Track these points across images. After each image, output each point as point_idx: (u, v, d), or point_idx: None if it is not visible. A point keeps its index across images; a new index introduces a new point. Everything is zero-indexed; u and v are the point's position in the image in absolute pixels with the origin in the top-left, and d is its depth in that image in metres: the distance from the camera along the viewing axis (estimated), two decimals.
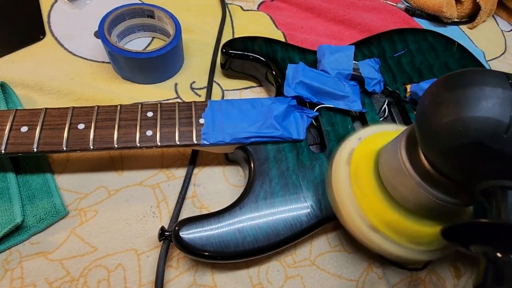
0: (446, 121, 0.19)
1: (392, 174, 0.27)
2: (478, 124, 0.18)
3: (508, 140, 0.18)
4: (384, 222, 0.28)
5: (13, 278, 0.30)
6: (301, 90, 0.37)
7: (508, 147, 0.18)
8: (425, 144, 0.22)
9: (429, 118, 0.21)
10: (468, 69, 0.21)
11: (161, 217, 0.34)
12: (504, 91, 0.19)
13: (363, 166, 0.30)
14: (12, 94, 0.38)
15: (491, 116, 0.18)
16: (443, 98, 0.20)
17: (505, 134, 0.18)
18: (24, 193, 0.33)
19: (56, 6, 0.48)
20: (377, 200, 0.28)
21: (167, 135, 0.32)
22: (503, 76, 0.19)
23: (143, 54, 0.38)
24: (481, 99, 0.19)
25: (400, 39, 0.45)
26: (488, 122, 0.18)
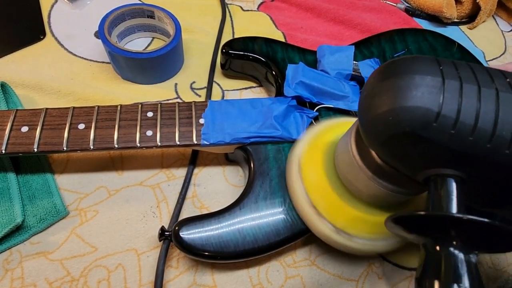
0: (379, 112, 0.19)
1: (345, 166, 0.26)
2: (408, 114, 0.18)
3: (438, 128, 0.18)
4: (345, 220, 0.28)
5: (14, 278, 0.30)
6: (301, 90, 0.37)
7: (439, 135, 0.18)
8: (364, 135, 0.22)
9: (365, 110, 0.21)
10: (401, 58, 0.20)
11: (161, 217, 0.34)
12: (433, 78, 0.18)
13: (313, 167, 0.29)
14: (13, 94, 0.38)
15: (420, 105, 0.18)
16: (376, 89, 0.20)
17: (435, 123, 0.18)
18: (25, 193, 0.33)
19: (56, 6, 0.48)
20: (333, 199, 0.28)
21: (167, 135, 0.33)
22: (434, 62, 0.19)
23: (143, 54, 0.38)
24: (410, 89, 0.18)
25: (400, 39, 0.45)
26: (418, 112, 0.18)
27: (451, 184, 0.19)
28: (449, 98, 0.18)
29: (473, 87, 0.18)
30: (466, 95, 0.18)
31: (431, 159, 0.19)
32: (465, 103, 0.17)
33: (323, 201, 0.28)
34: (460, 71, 0.19)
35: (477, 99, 0.18)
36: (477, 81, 0.18)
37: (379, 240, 0.28)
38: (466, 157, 0.18)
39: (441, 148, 0.18)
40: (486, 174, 0.19)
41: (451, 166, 0.19)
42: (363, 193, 0.26)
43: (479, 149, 0.17)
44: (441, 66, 0.19)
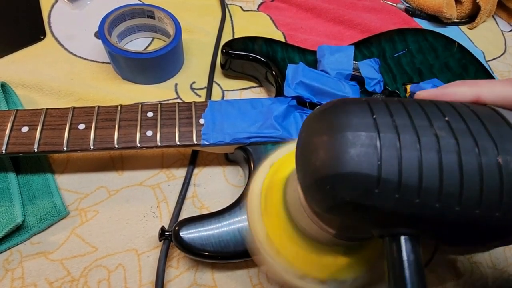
0: (315, 179, 0.17)
1: (296, 213, 0.23)
2: (345, 182, 0.16)
3: (381, 195, 0.15)
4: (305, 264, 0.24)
5: (14, 278, 0.30)
6: (301, 90, 0.37)
7: (383, 202, 0.16)
8: (305, 200, 0.19)
9: (302, 172, 0.18)
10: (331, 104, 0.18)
11: (161, 217, 0.34)
12: (367, 134, 0.16)
13: (273, 200, 0.25)
14: (13, 95, 0.38)
15: (356, 171, 0.15)
16: (310, 146, 0.17)
17: (377, 189, 0.15)
18: (25, 193, 0.33)
19: (56, 6, 0.48)
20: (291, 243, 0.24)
21: (167, 135, 0.33)
22: (366, 112, 0.17)
23: (143, 54, 0.38)
24: (344, 151, 0.16)
25: (400, 39, 0.45)
26: (355, 179, 0.16)
27: (404, 244, 0.17)
28: (388, 157, 0.15)
29: (412, 138, 0.16)
30: (406, 150, 0.16)
31: (378, 222, 0.17)
32: (406, 161, 0.15)
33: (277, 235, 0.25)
34: (396, 117, 0.16)
35: (418, 154, 0.15)
36: (415, 129, 0.16)
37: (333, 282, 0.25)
38: (415, 219, 0.16)
39: (387, 213, 0.16)
40: (440, 230, 0.17)
41: (402, 226, 0.17)
42: (316, 238, 0.24)
43: (428, 210, 0.16)
44: (375, 115, 0.16)
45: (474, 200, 0.16)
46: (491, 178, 0.15)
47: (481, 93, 0.19)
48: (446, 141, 0.16)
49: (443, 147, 0.16)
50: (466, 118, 0.17)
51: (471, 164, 0.16)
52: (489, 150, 0.16)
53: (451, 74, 0.43)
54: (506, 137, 0.16)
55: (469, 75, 0.43)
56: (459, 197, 0.16)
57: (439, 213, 0.16)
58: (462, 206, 0.16)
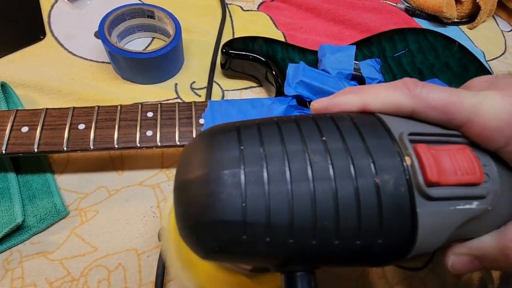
0: (182, 231, 0.15)
1: None
2: (210, 232, 0.14)
3: (251, 240, 0.14)
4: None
5: (14, 278, 0.30)
6: (302, 90, 0.37)
7: (255, 246, 0.14)
8: None
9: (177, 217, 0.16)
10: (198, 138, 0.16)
11: (161, 217, 0.34)
12: (231, 172, 0.14)
13: None
14: (13, 94, 0.38)
15: (220, 219, 0.14)
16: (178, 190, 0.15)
17: (244, 235, 0.14)
18: (25, 193, 0.33)
19: (56, 6, 0.48)
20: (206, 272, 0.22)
21: (167, 135, 0.33)
22: (232, 140, 0.15)
23: (143, 54, 0.38)
24: (205, 198, 0.14)
25: (400, 39, 0.45)
26: (220, 228, 0.14)
27: (298, 280, 0.16)
28: (253, 196, 0.14)
29: (280, 169, 0.14)
30: (273, 186, 0.14)
31: (261, 264, 0.16)
32: (273, 198, 0.14)
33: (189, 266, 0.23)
34: (265, 145, 0.15)
35: (287, 187, 0.14)
36: (285, 157, 0.14)
37: None
38: (295, 258, 0.15)
39: (263, 256, 0.15)
40: (328, 262, 0.16)
41: (288, 265, 0.16)
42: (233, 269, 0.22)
43: (307, 248, 0.14)
44: (242, 145, 0.15)
45: (353, 231, 0.14)
46: (368, 203, 0.14)
47: (367, 101, 0.18)
48: (320, 166, 0.14)
49: (316, 175, 0.14)
50: (345, 134, 0.15)
51: (346, 191, 0.14)
52: (367, 170, 0.14)
53: (451, 73, 0.43)
54: (386, 151, 0.15)
55: (469, 75, 0.43)
56: (336, 230, 0.14)
57: (319, 249, 0.14)
58: (341, 239, 0.14)
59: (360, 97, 0.18)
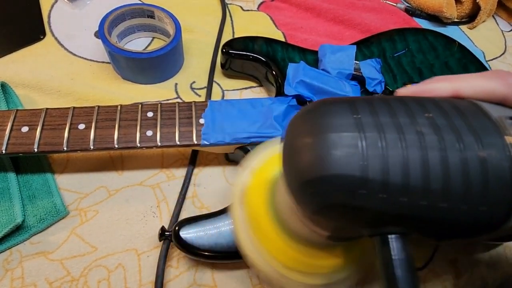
0: (301, 182, 0.17)
1: (287, 216, 0.23)
2: (331, 184, 0.16)
3: (368, 195, 0.15)
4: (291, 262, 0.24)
5: (14, 278, 0.30)
6: (302, 89, 0.37)
7: (370, 202, 0.16)
8: (293, 201, 0.19)
9: (288, 174, 0.18)
10: (314, 105, 0.18)
11: (161, 217, 0.34)
12: (350, 135, 0.16)
13: (258, 205, 0.25)
14: (13, 94, 0.38)
15: (341, 173, 0.15)
16: (293, 148, 0.17)
17: (362, 190, 0.15)
18: (25, 193, 0.33)
19: (56, 6, 0.48)
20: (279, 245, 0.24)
21: (167, 135, 0.33)
22: (348, 111, 0.17)
23: (143, 54, 0.38)
24: (327, 153, 0.15)
25: (400, 39, 0.45)
26: (340, 181, 0.15)
27: (393, 243, 0.17)
28: (371, 157, 0.15)
29: (395, 137, 0.16)
30: (390, 150, 0.15)
31: (366, 222, 0.17)
32: (390, 160, 0.15)
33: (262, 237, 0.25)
34: (378, 116, 0.16)
35: (402, 152, 0.15)
36: (398, 127, 0.16)
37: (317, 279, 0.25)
38: (402, 217, 0.16)
39: (375, 213, 0.16)
40: (428, 227, 0.17)
41: (390, 225, 0.17)
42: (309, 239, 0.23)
43: (415, 208, 0.16)
44: (357, 114, 0.16)
45: (459, 196, 0.15)
46: (475, 172, 0.15)
47: (460, 88, 0.20)
48: (429, 137, 0.16)
49: (427, 144, 0.16)
50: (448, 113, 0.17)
51: (454, 160, 0.15)
52: (472, 145, 0.16)
53: (451, 73, 0.43)
54: (488, 131, 0.16)
55: None
56: (444, 194, 0.15)
57: (426, 211, 0.16)
58: (448, 202, 0.16)
59: (453, 84, 0.20)
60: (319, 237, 0.21)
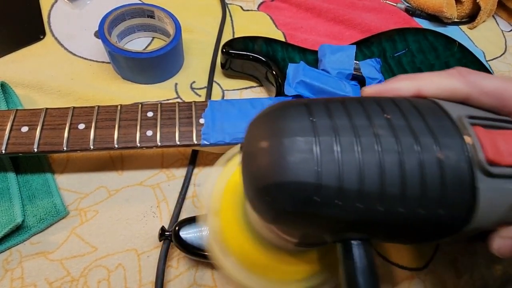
0: (253, 190, 0.16)
1: (252, 216, 0.22)
2: (285, 191, 0.15)
3: (322, 202, 0.15)
4: (266, 274, 0.24)
5: (14, 278, 0.30)
6: (302, 90, 0.37)
7: (325, 209, 0.15)
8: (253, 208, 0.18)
9: (245, 179, 0.17)
10: (270, 108, 0.17)
11: (161, 217, 0.34)
12: (305, 139, 0.15)
13: (229, 214, 0.25)
14: (13, 94, 0.38)
15: (295, 179, 0.15)
16: (249, 151, 0.17)
17: (317, 197, 0.15)
18: (25, 193, 0.33)
19: (56, 6, 0.48)
20: (249, 248, 0.24)
21: (167, 135, 0.32)
22: (303, 113, 0.16)
23: (143, 54, 0.38)
24: (281, 158, 0.15)
25: (400, 39, 0.45)
26: (294, 188, 0.15)
27: (355, 249, 0.17)
28: (326, 162, 0.15)
29: (351, 140, 0.15)
30: (345, 154, 0.15)
31: (325, 229, 0.17)
32: (345, 165, 0.15)
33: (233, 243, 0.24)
34: (335, 118, 0.16)
35: (358, 157, 0.15)
36: (354, 130, 0.16)
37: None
38: (360, 224, 0.16)
39: (332, 219, 0.16)
40: (388, 232, 0.17)
41: (349, 232, 0.17)
42: (282, 247, 0.23)
43: (372, 214, 0.15)
44: (313, 118, 0.16)
45: (417, 200, 0.15)
46: (432, 175, 0.15)
47: (422, 86, 0.19)
48: (386, 140, 0.15)
49: (383, 147, 0.15)
50: (407, 113, 0.16)
51: (411, 163, 0.15)
52: (430, 146, 0.15)
53: None
54: (446, 131, 0.16)
55: None
56: (402, 199, 0.15)
57: (384, 216, 0.15)
58: (406, 207, 0.15)
59: (415, 82, 0.19)
60: (288, 243, 0.20)
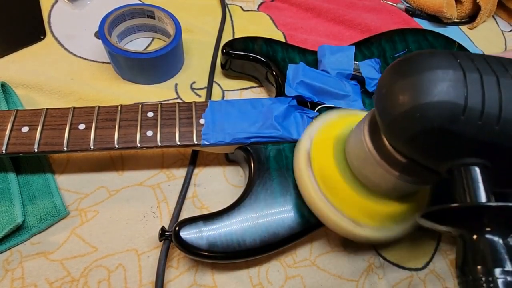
0: (404, 110, 0.20)
1: (360, 162, 0.27)
2: (436, 109, 0.18)
3: (466, 121, 0.18)
4: (361, 212, 0.29)
5: (14, 278, 0.30)
6: (302, 90, 0.37)
7: (467, 128, 0.18)
8: (387, 132, 0.22)
9: (387, 108, 0.21)
10: (418, 53, 0.21)
11: (161, 217, 0.34)
12: (455, 72, 0.19)
13: (325, 163, 0.30)
14: (13, 95, 0.38)
15: (447, 99, 0.18)
16: (398, 86, 0.20)
17: (463, 116, 0.18)
18: (25, 193, 0.33)
19: (56, 6, 0.48)
20: (349, 193, 0.28)
21: (168, 135, 0.33)
22: (451, 56, 0.20)
23: (143, 54, 0.38)
24: (435, 84, 0.19)
25: (400, 39, 0.45)
26: (445, 106, 0.18)
27: (476, 172, 0.19)
28: (472, 90, 0.18)
29: (492, 78, 0.19)
30: (488, 87, 0.18)
31: (457, 150, 0.20)
32: (487, 94, 0.18)
33: (333, 189, 0.29)
34: (477, 63, 0.19)
35: (498, 90, 0.18)
36: (494, 72, 0.19)
37: (386, 229, 0.29)
38: (492, 146, 0.19)
39: (468, 140, 0.19)
40: (510, 159, 0.19)
41: (476, 155, 0.19)
42: (377, 185, 0.27)
43: (505, 138, 0.18)
44: (458, 59, 0.19)
45: None
46: None
47: None
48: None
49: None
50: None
51: None
52: None
53: None
54: None
55: None
56: None
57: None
58: None
59: None
60: (389, 179, 0.25)
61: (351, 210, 0.29)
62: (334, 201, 0.29)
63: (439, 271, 0.35)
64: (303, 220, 0.31)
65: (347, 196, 0.28)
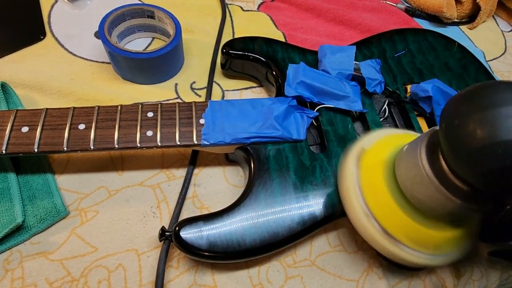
0: (483, 145, 0.20)
1: (414, 184, 0.26)
2: (508, 148, 0.19)
3: None
4: (400, 229, 0.28)
5: (14, 278, 0.30)
6: (302, 90, 0.37)
7: None
8: (458, 164, 0.22)
9: (463, 141, 0.21)
10: (493, 84, 0.21)
11: (161, 217, 0.34)
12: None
13: (374, 173, 0.29)
14: (13, 95, 0.38)
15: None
16: (475, 119, 0.20)
17: None
18: (25, 193, 0.33)
19: (56, 6, 0.48)
20: (393, 208, 0.28)
21: (168, 135, 0.33)
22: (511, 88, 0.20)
23: (143, 54, 0.38)
24: (504, 123, 0.19)
25: (400, 39, 0.45)
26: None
27: None
28: None
29: None
30: None
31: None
32: None
33: (377, 203, 0.29)
34: None
35: None
36: None
37: (442, 256, 0.29)
38: None
39: None
40: None
41: None
42: (433, 209, 0.26)
43: None
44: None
45: None
46: None
47: None
48: None
49: None
50: None
51: None
52: None
53: (451, 74, 0.43)
54: None
55: (469, 75, 0.43)
56: None
57: None
58: None
59: None
60: (445, 205, 0.24)
61: (391, 225, 0.28)
62: (373, 209, 0.28)
63: (439, 271, 0.35)
64: (303, 220, 0.31)
65: (389, 209, 0.28)
